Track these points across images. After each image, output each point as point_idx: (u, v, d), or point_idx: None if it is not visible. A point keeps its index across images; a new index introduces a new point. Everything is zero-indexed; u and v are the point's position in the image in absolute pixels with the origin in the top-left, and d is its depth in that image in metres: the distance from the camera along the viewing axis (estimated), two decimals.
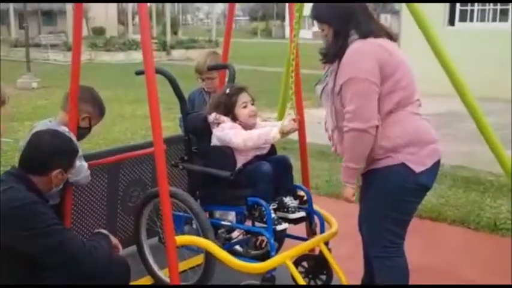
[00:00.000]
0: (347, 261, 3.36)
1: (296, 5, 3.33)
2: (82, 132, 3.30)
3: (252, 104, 3.24)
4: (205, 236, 3.04)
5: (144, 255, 3.50)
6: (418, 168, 2.73)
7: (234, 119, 3.19)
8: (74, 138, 3.06)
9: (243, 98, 3.21)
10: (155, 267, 3.48)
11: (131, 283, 3.06)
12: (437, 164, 2.83)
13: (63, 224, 2.93)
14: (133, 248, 3.57)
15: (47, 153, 2.74)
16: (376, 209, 2.84)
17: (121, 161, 3.73)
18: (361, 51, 2.73)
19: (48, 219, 2.61)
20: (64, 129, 3.09)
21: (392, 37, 2.89)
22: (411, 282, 2.95)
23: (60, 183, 2.82)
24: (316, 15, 2.88)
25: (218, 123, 3.20)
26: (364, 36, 2.75)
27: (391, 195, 2.78)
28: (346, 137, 2.75)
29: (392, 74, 2.72)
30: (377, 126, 2.70)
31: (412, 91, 2.81)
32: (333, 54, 2.82)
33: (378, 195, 2.82)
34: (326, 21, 2.84)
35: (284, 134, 3.07)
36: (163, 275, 3.41)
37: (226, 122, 3.17)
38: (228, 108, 3.20)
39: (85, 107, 3.27)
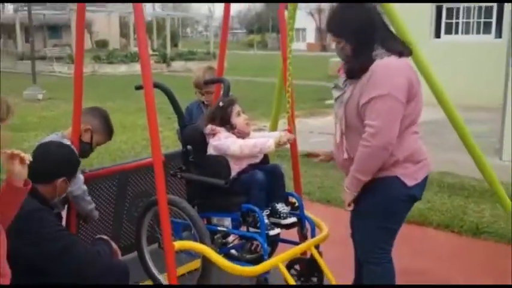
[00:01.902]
0: (337, 264, 3.39)
1: (289, 12, 3.39)
2: (84, 148, 3.27)
3: (243, 113, 3.30)
4: (202, 242, 3.07)
5: (145, 260, 3.52)
6: (410, 182, 2.77)
7: (232, 128, 3.23)
8: (76, 150, 3.08)
9: (236, 108, 3.27)
10: (155, 271, 3.50)
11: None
12: (426, 177, 2.87)
13: (68, 230, 2.96)
14: (135, 253, 3.59)
15: (54, 161, 2.79)
16: (370, 219, 2.85)
17: (129, 174, 3.80)
18: (395, 69, 2.64)
19: (53, 225, 2.64)
20: (66, 141, 3.12)
21: (411, 53, 2.82)
22: (399, 283, 2.99)
23: (63, 191, 2.86)
24: (334, 29, 2.76)
25: (214, 134, 3.24)
26: (397, 53, 2.67)
27: (385, 207, 2.80)
28: (362, 151, 2.66)
29: (416, 95, 2.69)
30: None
31: (420, 111, 2.79)
32: (359, 69, 2.69)
33: (372, 206, 2.83)
34: (347, 35, 2.71)
35: (280, 145, 3.12)
36: (163, 278, 3.43)
37: (222, 132, 3.22)
38: (224, 119, 3.24)
39: (89, 119, 3.28)
